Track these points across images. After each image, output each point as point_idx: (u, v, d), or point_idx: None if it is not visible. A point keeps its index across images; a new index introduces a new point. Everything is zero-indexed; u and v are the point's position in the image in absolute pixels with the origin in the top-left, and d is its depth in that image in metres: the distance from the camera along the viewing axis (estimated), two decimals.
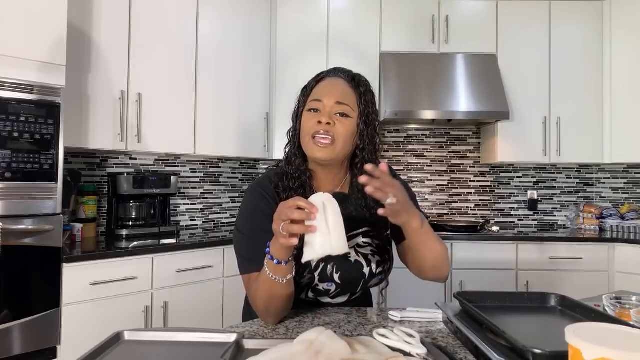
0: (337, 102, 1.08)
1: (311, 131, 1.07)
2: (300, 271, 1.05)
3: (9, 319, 1.84)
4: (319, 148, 1.06)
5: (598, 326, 0.61)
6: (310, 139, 1.07)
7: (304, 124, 1.10)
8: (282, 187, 1.10)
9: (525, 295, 1.06)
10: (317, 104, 1.09)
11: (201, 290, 2.45)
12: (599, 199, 3.58)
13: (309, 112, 1.10)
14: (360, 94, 1.11)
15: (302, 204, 0.83)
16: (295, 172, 1.11)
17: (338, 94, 1.09)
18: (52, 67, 1.99)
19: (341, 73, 1.14)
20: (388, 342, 0.84)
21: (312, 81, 1.15)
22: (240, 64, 3.00)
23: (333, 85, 1.11)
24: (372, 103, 1.13)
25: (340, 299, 1.16)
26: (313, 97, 1.11)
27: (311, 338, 0.78)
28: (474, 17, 3.25)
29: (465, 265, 2.86)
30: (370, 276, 1.12)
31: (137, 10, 2.52)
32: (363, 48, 3.17)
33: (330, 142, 1.05)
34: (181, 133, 2.73)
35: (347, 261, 1.09)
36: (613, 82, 3.21)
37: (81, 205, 2.56)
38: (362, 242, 1.13)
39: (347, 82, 1.12)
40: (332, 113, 1.07)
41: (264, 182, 1.13)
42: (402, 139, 3.58)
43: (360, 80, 1.14)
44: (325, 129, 1.05)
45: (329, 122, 1.06)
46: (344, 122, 1.07)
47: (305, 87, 1.16)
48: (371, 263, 1.11)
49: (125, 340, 0.85)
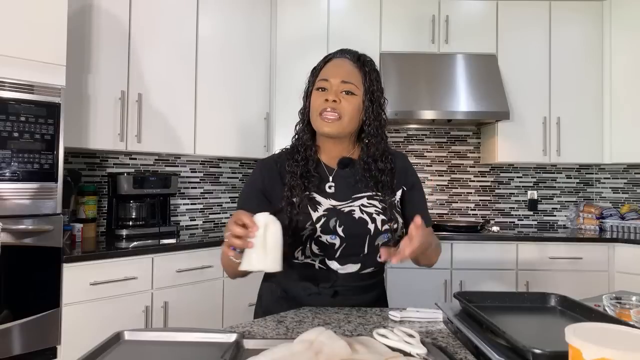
0: (342, 81, 1.16)
1: (319, 108, 1.15)
2: (301, 225, 1.11)
3: (9, 319, 1.84)
4: (327, 123, 1.14)
5: (598, 326, 0.61)
6: (318, 116, 1.15)
7: (312, 102, 1.18)
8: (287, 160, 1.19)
9: (525, 295, 1.06)
10: (324, 83, 1.17)
11: (201, 290, 2.45)
12: (599, 199, 3.58)
13: (317, 90, 1.18)
14: (365, 73, 1.19)
15: (246, 220, 0.91)
16: (301, 146, 1.19)
17: (344, 73, 1.17)
18: (52, 67, 1.99)
19: (347, 54, 1.23)
20: (388, 342, 0.84)
21: (321, 62, 1.23)
22: (241, 64, 3.00)
23: (339, 66, 1.19)
24: (376, 81, 1.21)
25: (350, 267, 1.14)
26: (321, 77, 1.19)
27: (311, 338, 0.78)
28: (474, 17, 3.25)
29: (465, 265, 2.85)
30: (376, 232, 1.13)
31: (137, 10, 2.52)
32: (363, 48, 3.11)
33: (336, 117, 1.14)
34: (181, 133, 2.73)
35: (350, 217, 1.13)
36: (613, 82, 3.21)
37: (81, 205, 2.56)
38: (367, 203, 1.16)
39: (353, 62, 1.20)
40: (338, 91, 1.15)
41: (267, 159, 1.26)
42: (402, 139, 3.58)
43: (365, 59, 1.22)
44: (332, 106, 1.14)
45: (335, 100, 1.14)
46: (349, 100, 1.15)
47: (315, 68, 1.24)
48: (376, 221, 1.14)
49: (125, 340, 0.85)
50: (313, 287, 1.16)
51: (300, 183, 1.13)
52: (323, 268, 1.15)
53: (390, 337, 0.86)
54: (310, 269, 1.16)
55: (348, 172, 1.20)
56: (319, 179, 1.17)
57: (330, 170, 1.20)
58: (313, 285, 1.16)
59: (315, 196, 1.14)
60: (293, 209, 1.11)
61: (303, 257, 1.15)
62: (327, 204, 1.14)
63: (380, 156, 1.19)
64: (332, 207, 1.14)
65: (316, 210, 1.12)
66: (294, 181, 1.14)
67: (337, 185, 1.18)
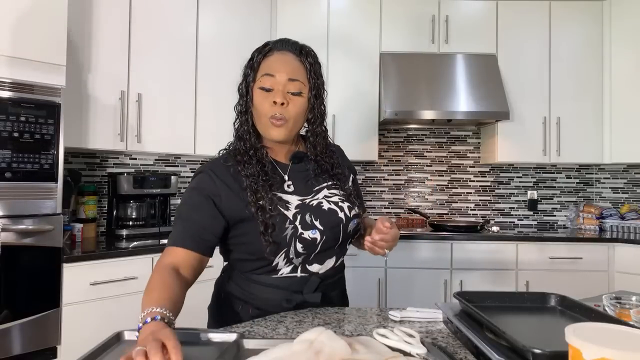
0: (289, 78, 1.09)
1: (268, 113, 1.09)
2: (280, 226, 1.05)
3: (9, 319, 1.84)
4: (275, 128, 1.10)
5: (598, 326, 0.61)
6: (267, 120, 1.09)
7: (258, 105, 1.10)
8: (238, 163, 1.11)
9: (525, 295, 1.06)
10: (269, 80, 1.09)
11: (201, 290, 2.44)
12: (599, 199, 3.58)
13: (262, 90, 1.10)
14: (309, 67, 1.13)
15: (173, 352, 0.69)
16: (250, 149, 1.13)
17: (289, 69, 1.10)
18: (52, 67, 1.99)
19: (288, 45, 1.15)
20: (388, 342, 0.84)
21: (259, 54, 1.15)
22: (240, 64, 2.96)
23: (283, 61, 1.12)
24: (320, 75, 1.16)
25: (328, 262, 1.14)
26: (263, 71, 1.11)
27: (311, 338, 0.77)
28: (474, 17, 3.25)
29: (465, 265, 2.86)
30: (347, 220, 1.14)
31: (137, 10, 2.52)
32: (363, 48, 3.17)
33: (284, 122, 1.09)
34: (181, 133, 2.73)
35: (321, 209, 1.11)
36: (613, 82, 3.21)
37: (81, 205, 2.56)
38: (329, 193, 1.16)
39: (296, 56, 1.13)
40: (284, 91, 1.09)
41: (214, 163, 1.15)
42: (402, 139, 3.58)
43: (308, 51, 1.15)
44: (280, 111, 1.08)
45: (283, 102, 1.08)
46: (296, 102, 1.10)
47: (251, 59, 1.16)
48: (344, 209, 1.14)
49: (126, 340, 0.85)
50: (297, 296, 1.11)
51: (264, 184, 1.07)
52: (305, 275, 1.11)
53: (390, 337, 0.86)
54: (289, 280, 1.10)
55: (301, 167, 1.18)
56: (278, 177, 1.13)
57: (283, 168, 1.16)
58: (296, 294, 1.11)
59: (281, 195, 1.10)
60: (265, 212, 1.04)
61: (285, 264, 1.09)
62: (295, 200, 1.11)
63: (327, 150, 1.20)
64: (300, 202, 1.11)
65: (288, 209, 1.08)
66: (256, 184, 1.07)
67: (295, 182, 1.15)
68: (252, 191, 1.07)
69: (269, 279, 1.11)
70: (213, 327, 1.21)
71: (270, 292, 1.11)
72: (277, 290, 1.11)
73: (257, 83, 1.12)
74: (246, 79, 1.15)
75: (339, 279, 1.22)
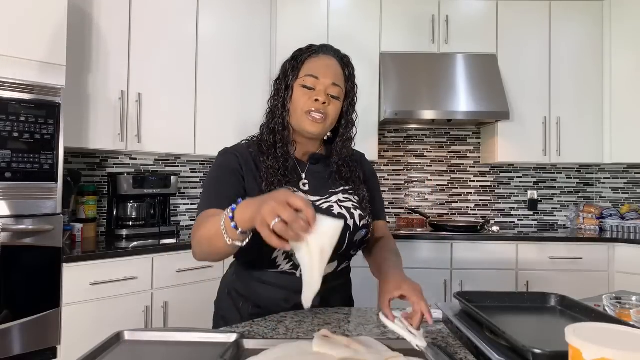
0: (333, 83, 1.13)
1: (306, 107, 1.12)
2: None
3: (9, 319, 1.84)
4: (313, 123, 1.12)
5: (598, 326, 0.61)
6: (304, 114, 1.12)
7: (298, 99, 1.13)
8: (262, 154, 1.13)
9: (525, 295, 1.06)
10: (313, 81, 1.13)
11: (201, 290, 2.45)
12: (599, 199, 3.58)
13: (303, 88, 1.13)
14: (348, 75, 1.19)
15: (303, 206, 0.71)
16: (281, 142, 1.14)
17: (334, 74, 1.14)
18: (52, 67, 1.99)
19: (332, 52, 1.19)
20: (392, 326, 0.84)
21: (304, 54, 1.17)
22: (240, 64, 3.00)
23: (328, 65, 1.15)
24: (355, 84, 1.22)
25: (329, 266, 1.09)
26: (308, 72, 1.14)
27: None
28: (474, 17, 3.25)
29: (465, 265, 2.85)
30: (355, 228, 1.13)
31: (137, 11, 2.52)
32: (363, 48, 3.17)
33: (323, 119, 1.12)
34: (181, 133, 2.73)
35: (330, 213, 1.11)
36: (613, 82, 3.21)
37: (81, 205, 2.56)
38: (343, 198, 1.16)
39: (338, 62, 1.18)
40: (326, 93, 1.13)
41: (239, 147, 1.18)
42: (402, 139, 3.58)
43: (348, 61, 1.20)
44: (321, 108, 1.11)
45: (325, 102, 1.12)
46: (335, 104, 1.15)
47: (295, 57, 1.18)
48: (354, 216, 1.13)
49: (125, 340, 0.85)
50: (296, 296, 1.08)
51: (281, 179, 1.09)
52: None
53: (396, 322, 0.86)
54: (288, 278, 1.10)
55: (319, 168, 1.19)
56: (296, 175, 1.15)
57: (302, 166, 1.18)
58: (295, 294, 1.09)
59: (295, 192, 1.11)
60: None
61: (285, 260, 1.08)
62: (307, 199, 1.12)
63: (350, 156, 1.23)
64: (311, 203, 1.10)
65: None
66: (274, 177, 1.09)
67: (311, 182, 1.16)
68: (267, 182, 1.09)
69: (269, 275, 1.11)
70: (216, 321, 1.22)
71: (269, 291, 1.12)
72: (276, 289, 1.11)
73: (299, 81, 1.14)
74: (287, 75, 1.17)
75: (342, 284, 1.21)
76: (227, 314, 1.17)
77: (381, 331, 0.98)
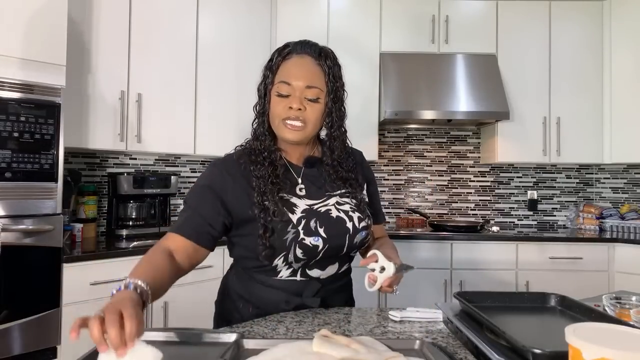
0: (307, 86, 1.07)
1: (282, 115, 1.08)
2: (282, 229, 1.04)
3: (9, 319, 1.84)
4: (290, 131, 1.08)
5: (598, 326, 0.61)
6: (281, 122, 1.08)
7: (274, 107, 1.09)
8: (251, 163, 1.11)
9: (525, 295, 1.06)
10: (285, 88, 1.08)
11: (201, 290, 2.45)
12: (599, 199, 3.58)
13: (278, 96, 1.09)
14: (328, 70, 1.11)
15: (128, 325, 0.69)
16: (264, 150, 1.12)
17: (307, 76, 1.08)
18: (52, 67, 1.99)
19: (308, 48, 1.12)
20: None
21: (278, 56, 1.12)
22: (240, 64, 2.99)
23: (301, 66, 1.09)
24: (339, 77, 1.14)
25: (330, 268, 1.13)
26: (281, 77, 1.09)
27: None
28: (474, 17, 3.25)
29: (465, 265, 2.85)
30: (354, 231, 1.12)
31: (137, 10, 2.52)
32: (363, 48, 3.17)
33: (301, 125, 1.08)
34: (181, 133, 2.73)
35: (328, 216, 1.10)
36: (613, 82, 3.21)
37: (81, 205, 2.56)
38: (341, 201, 1.14)
39: (314, 59, 1.11)
40: (302, 97, 1.07)
41: (226, 159, 1.15)
42: (402, 139, 3.58)
43: (327, 54, 1.13)
44: (296, 115, 1.07)
45: (300, 108, 1.07)
46: (314, 107, 1.09)
47: (270, 60, 1.13)
48: (353, 219, 1.12)
49: None
50: (296, 299, 1.11)
51: (272, 187, 1.06)
52: (304, 279, 1.11)
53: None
54: (289, 282, 1.10)
55: (315, 171, 1.16)
56: (289, 181, 1.12)
57: (297, 171, 1.15)
58: (295, 296, 1.11)
59: (290, 198, 1.09)
60: (267, 214, 1.03)
61: (285, 267, 1.08)
62: (303, 204, 1.09)
63: (345, 156, 1.18)
64: (308, 207, 1.09)
65: (294, 213, 1.07)
66: (265, 186, 1.06)
67: (307, 186, 1.13)
68: (259, 193, 1.06)
69: (269, 279, 1.11)
70: (216, 321, 1.22)
71: (269, 293, 1.12)
72: (276, 291, 1.11)
73: (274, 88, 1.10)
74: (265, 80, 1.14)
75: (343, 285, 1.21)
76: (228, 314, 1.17)
77: (381, 331, 0.98)
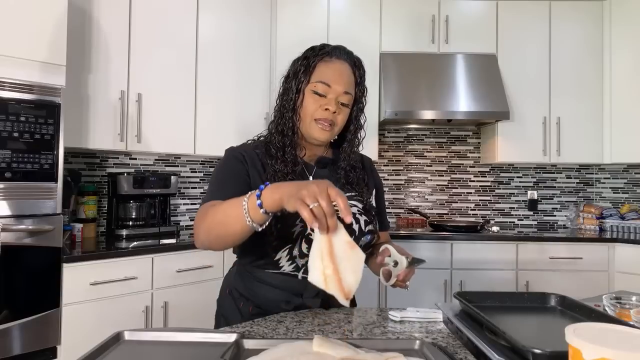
0: (345, 91, 1.12)
1: (316, 115, 1.11)
2: (290, 222, 1.05)
3: (8, 319, 1.84)
4: (321, 130, 1.11)
5: (598, 326, 0.61)
6: (313, 121, 1.11)
7: (308, 105, 1.11)
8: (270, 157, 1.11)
9: (525, 295, 1.06)
10: (325, 89, 1.11)
11: (201, 290, 2.45)
12: (599, 199, 3.58)
13: (314, 94, 1.11)
14: (359, 80, 1.17)
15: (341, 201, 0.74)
16: (289, 146, 1.13)
17: (346, 83, 1.13)
18: (52, 67, 1.99)
19: (346, 55, 1.16)
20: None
21: (317, 55, 1.13)
22: (240, 64, 3.00)
23: (342, 72, 1.13)
24: (365, 88, 1.20)
25: None
26: (320, 77, 1.11)
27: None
28: (474, 17, 3.25)
29: (465, 265, 2.85)
30: (360, 233, 1.13)
31: (137, 11, 2.52)
32: (363, 48, 3.13)
33: (330, 127, 1.12)
34: (181, 133, 2.73)
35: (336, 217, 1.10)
36: (613, 82, 3.21)
37: (81, 205, 2.56)
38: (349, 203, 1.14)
39: (351, 67, 1.16)
40: (337, 101, 1.12)
41: (245, 147, 1.17)
42: (402, 139, 3.58)
43: (360, 64, 1.19)
44: (330, 117, 1.11)
45: (335, 111, 1.11)
46: (344, 111, 1.14)
47: (307, 57, 1.14)
48: (359, 221, 1.13)
49: (125, 340, 0.85)
50: (296, 299, 1.11)
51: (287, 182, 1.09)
52: (306, 277, 1.12)
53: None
54: (290, 280, 1.10)
55: (326, 172, 1.18)
56: (302, 177, 1.13)
57: (310, 170, 1.17)
58: (296, 296, 1.11)
59: None
60: None
61: (288, 262, 1.08)
62: None
63: (357, 161, 1.22)
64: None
65: None
66: (280, 180, 1.07)
67: None
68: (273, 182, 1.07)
69: (270, 276, 1.11)
70: (218, 319, 1.22)
71: (270, 292, 1.12)
72: (277, 290, 1.11)
73: (310, 86, 1.12)
74: (298, 76, 1.13)
75: None
76: (228, 313, 1.17)
77: (381, 331, 0.98)
